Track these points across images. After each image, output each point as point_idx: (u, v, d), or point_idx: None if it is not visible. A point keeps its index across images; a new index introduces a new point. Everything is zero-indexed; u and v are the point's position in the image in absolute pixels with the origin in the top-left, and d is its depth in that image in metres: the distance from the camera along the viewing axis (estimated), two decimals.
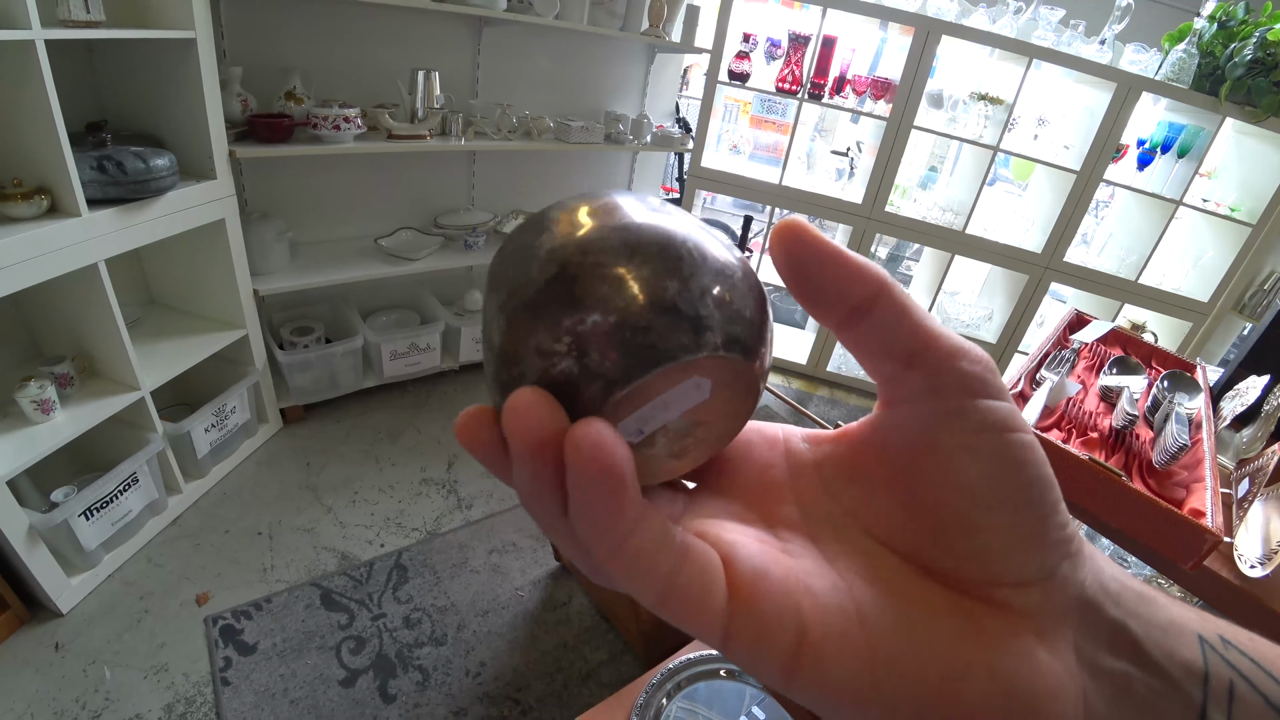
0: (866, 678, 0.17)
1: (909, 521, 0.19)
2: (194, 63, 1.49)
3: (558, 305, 0.16)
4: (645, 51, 2.85)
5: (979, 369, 0.18)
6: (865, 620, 0.17)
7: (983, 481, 0.18)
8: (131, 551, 1.60)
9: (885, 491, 0.20)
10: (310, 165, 2.11)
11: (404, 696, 1.39)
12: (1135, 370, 0.89)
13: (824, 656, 0.17)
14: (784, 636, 0.17)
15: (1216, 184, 2.52)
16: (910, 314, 0.18)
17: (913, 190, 2.81)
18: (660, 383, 0.17)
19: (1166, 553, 0.60)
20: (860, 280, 0.18)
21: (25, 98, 1.18)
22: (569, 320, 0.16)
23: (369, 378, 2.29)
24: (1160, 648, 0.18)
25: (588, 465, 0.15)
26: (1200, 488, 0.66)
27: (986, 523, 0.18)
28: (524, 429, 0.16)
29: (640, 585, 0.17)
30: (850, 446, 0.22)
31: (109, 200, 1.38)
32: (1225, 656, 0.19)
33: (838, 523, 0.21)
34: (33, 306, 1.52)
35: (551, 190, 2.86)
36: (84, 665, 1.34)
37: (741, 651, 0.17)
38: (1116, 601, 0.19)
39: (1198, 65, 2.22)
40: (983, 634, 0.17)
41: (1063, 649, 0.18)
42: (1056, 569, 0.18)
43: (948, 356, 0.18)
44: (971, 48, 2.43)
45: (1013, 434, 0.18)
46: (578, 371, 0.16)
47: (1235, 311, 2.46)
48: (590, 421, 0.16)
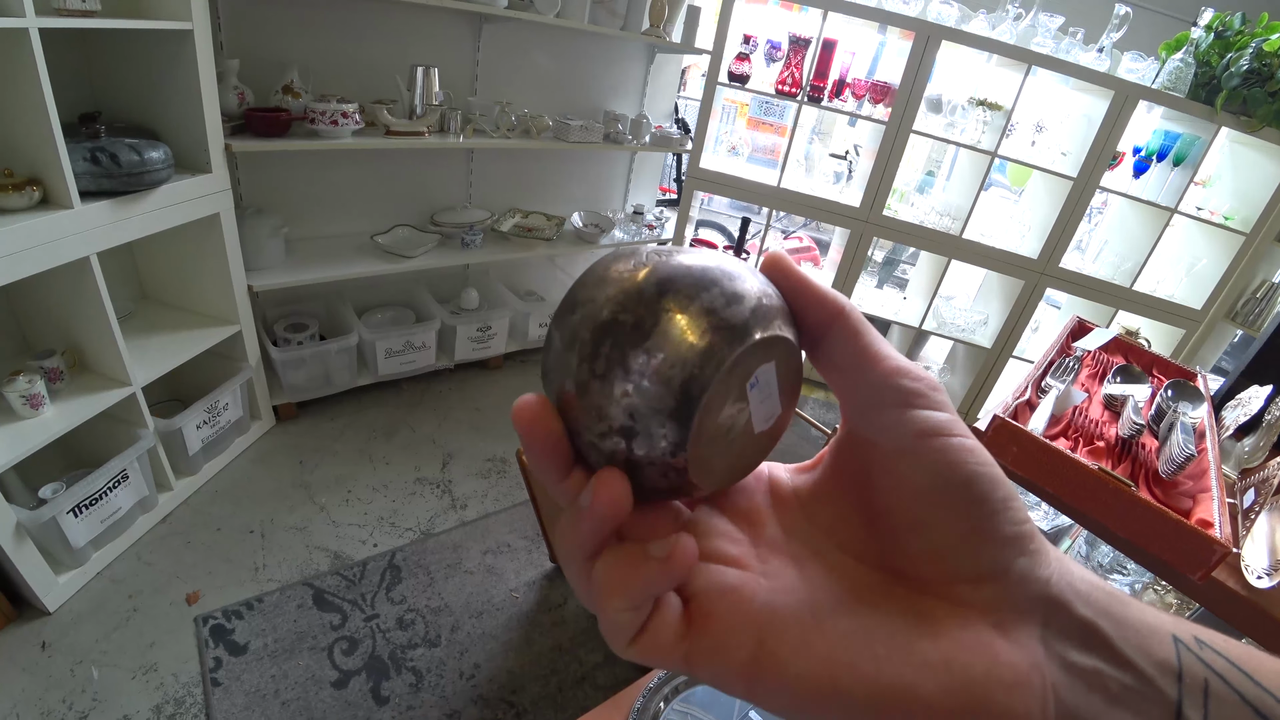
0: (825, 679, 0.18)
1: (870, 530, 0.21)
2: (190, 55, 1.47)
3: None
4: (645, 51, 2.84)
5: (919, 385, 0.20)
6: (826, 628, 0.19)
7: (925, 481, 0.19)
8: (121, 549, 1.57)
9: (851, 507, 0.22)
10: (307, 160, 2.09)
11: (397, 698, 1.38)
12: (1139, 379, 0.89)
13: (783, 663, 0.19)
14: (740, 650, 0.19)
15: (1211, 192, 2.54)
16: (861, 336, 0.21)
17: (910, 194, 2.82)
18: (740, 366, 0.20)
19: (1174, 563, 0.59)
20: (822, 305, 0.21)
21: (18, 87, 1.16)
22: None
23: (363, 375, 2.27)
24: (1133, 645, 0.19)
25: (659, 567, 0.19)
26: (1206, 498, 0.66)
27: (932, 520, 0.19)
28: (610, 502, 0.18)
29: (617, 634, 0.19)
30: (821, 472, 0.24)
31: (102, 192, 1.36)
32: (1200, 655, 0.19)
33: (815, 543, 0.23)
34: (23, 299, 1.49)
35: (549, 189, 2.85)
36: (71, 665, 1.32)
37: (703, 670, 0.19)
38: (1086, 601, 0.19)
39: (1194, 74, 2.23)
40: (940, 630, 0.19)
41: (1026, 642, 0.19)
42: (1011, 564, 0.19)
43: (890, 374, 0.20)
44: (970, 53, 2.43)
45: (952, 439, 0.19)
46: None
47: (1228, 319, 2.47)
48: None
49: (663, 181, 3.84)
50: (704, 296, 0.19)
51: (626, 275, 0.19)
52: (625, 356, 0.18)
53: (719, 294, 0.19)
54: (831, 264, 3.01)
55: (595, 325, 0.19)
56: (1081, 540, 1.12)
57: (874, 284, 3.65)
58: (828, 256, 3.29)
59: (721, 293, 0.19)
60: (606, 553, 0.19)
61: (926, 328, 2.82)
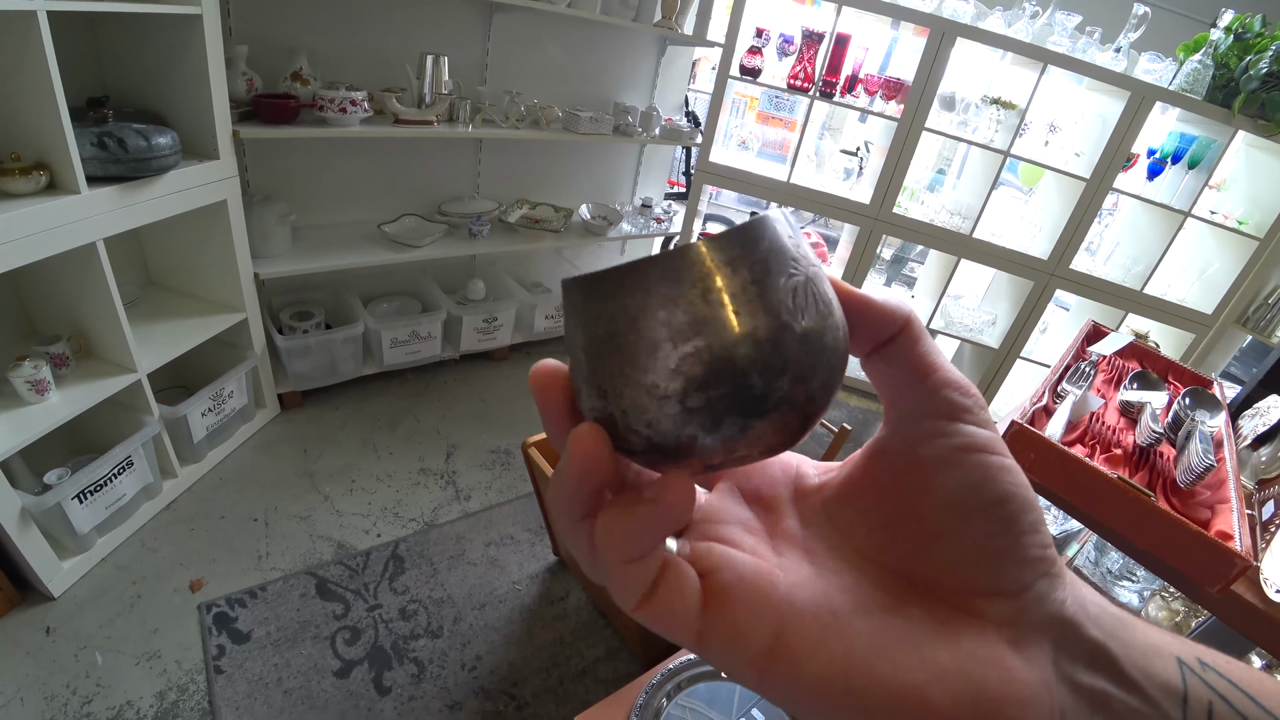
0: (839, 679, 0.18)
1: (895, 535, 0.21)
2: (199, 40, 1.45)
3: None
4: (656, 43, 2.81)
5: (969, 401, 0.20)
6: (843, 627, 0.19)
7: (960, 494, 0.19)
8: (125, 535, 1.58)
9: (876, 510, 0.22)
10: (315, 148, 2.08)
11: (399, 689, 1.38)
12: (1156, 386, 0.87)
13: (798, 658, 0.18)
14: (758, 639, 0.19)
15: (1225, 196, 2.51)
16: (920, 343, 0.21)
17: (920, 192, 2.80)
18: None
19: (1192, 575, 0.58)
20: (888, 321, 0.21)
21: (26, 70, 1.15)
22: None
23: (369, 365, 2.27)
24: (1138, 668, 0.19)
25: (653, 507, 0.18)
26: (1225, 509, 0.65)
27: (962, 533, 0.19)
28: (584, 456, 0.18)
29: (626, 592, 0.19)
30: (850, 472, 0.24)
31: (109, 178, 1.35)
32: (1203, 678, 0.20)
33: (832, 541, 0.22)
34: (29, 285, 1.49)
35: (558, 181, 2.84)
36: (75, 650, 1.32)
37: (715, 652, 0.19)
38: (1096, 623, 0.20)
39: (1212, 77, 2.21)
40: (956, 640, 0.19)
41: (1038, 660, 0.19)
42: (1033, 584, 0.19)
43: (943, 385, 0.20)
44: (985, 51, 2.41)
45: (992, 456, 0.20)
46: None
47: (1238, 325, 2.45)
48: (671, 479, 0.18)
49: (672, 175, 3.83)
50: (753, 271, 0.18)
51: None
52: (655, 324, 0.17)
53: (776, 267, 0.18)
54: (840, 260, 2.99)
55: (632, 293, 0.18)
56: (1090, 546, 1.11)
57: (882, 281, 3.63)
58: (836, 253, 3.27)
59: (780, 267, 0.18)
60: (606, 506, 0.19)
61: (934, 327, 2.80)
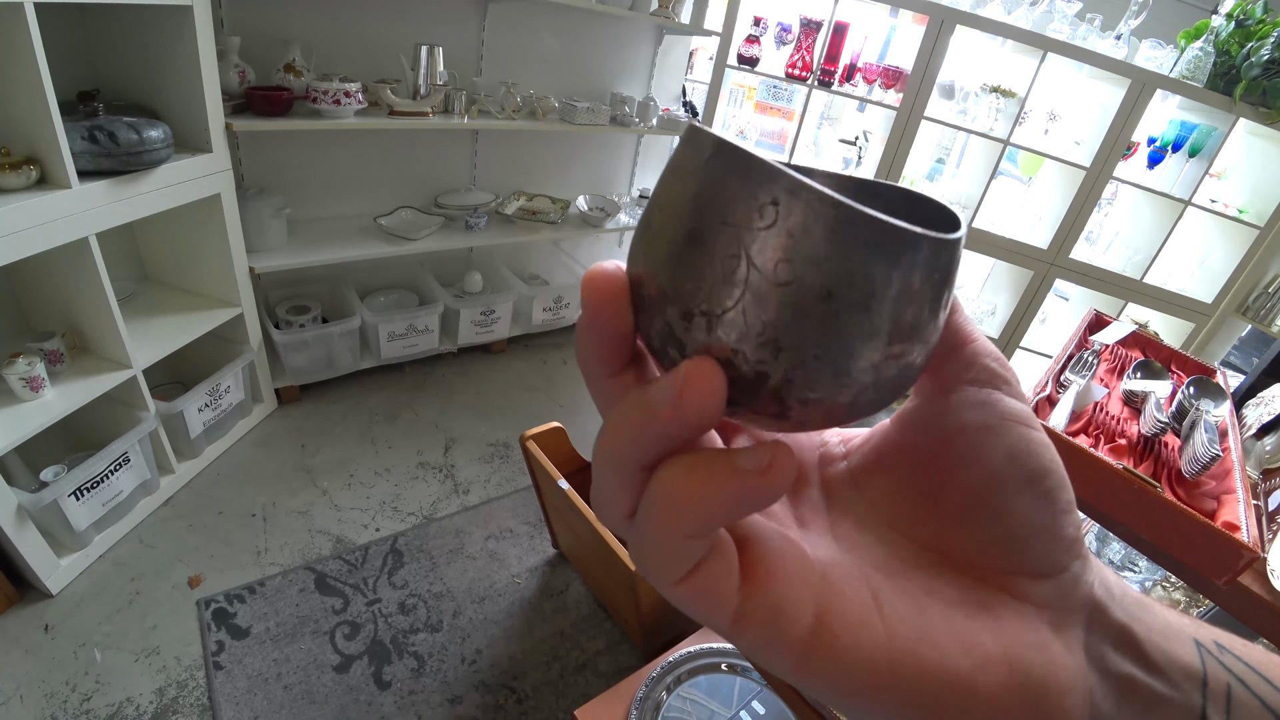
0: (884, 665, 0.16)
1: (933, 509, 0.20)
2: (190, 31, 1.43)
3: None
4: (653, 33, 2.79)
5: (1007, 373, 0.20)
6: (883, 608, 0.17)
7: (1007, 464, 0.18)
8: (123, 532, 1.57)
9: (910, 481, 0.21)
10: (309, 140, 2.06)
11: (399, 683, 1.38)
12: (1160, 375, 0.87)
13: (840, 642, 0.16)
14: (800, 620, 0.16)
15: (1225, 185, 2.50)
16: (959, 313, 0.20)
17: (919, 181, 2.78)
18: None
19: (1199, 566, 0.58)
20: None
21: (14, 63, 1.13)
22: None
23: (366, 359, 2.26)
24: (1160, 650, 0.19)
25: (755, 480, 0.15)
26: (1230, 499, 0.64)
27: (1010, 508, 0.18)
28: (705, 393, 0.15)
29: (669, 568, 0.16)
30: (879, 441, 0.22)
31: (101, 172, 1.33)
32: (1221, 660, 0.20)
33: (860, 514, 0.21)
34: (22, 280, 1.47)
35: (555, 172, 2.82)
36: (74, 647, 1.32)
37: (753, 635, 0.16)
38: (1120, 605, 0.20)
39: (1213, 64, 2.19)
40: (1000, 624, 0.18)
41: (1074, 645, 0.18)
42: (1069, 566, 0.19)
43: (982, 353, 0.20)
44: (984, 38, 2.39)
45: (1032, 429, 0.19)
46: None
47: (1238, 314, 2.45)
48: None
49: None
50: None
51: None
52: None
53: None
54: None
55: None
56: (1091, 536, 1.11)
57: None
58: None
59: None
60: (674, 460, 0.16)
61: None
